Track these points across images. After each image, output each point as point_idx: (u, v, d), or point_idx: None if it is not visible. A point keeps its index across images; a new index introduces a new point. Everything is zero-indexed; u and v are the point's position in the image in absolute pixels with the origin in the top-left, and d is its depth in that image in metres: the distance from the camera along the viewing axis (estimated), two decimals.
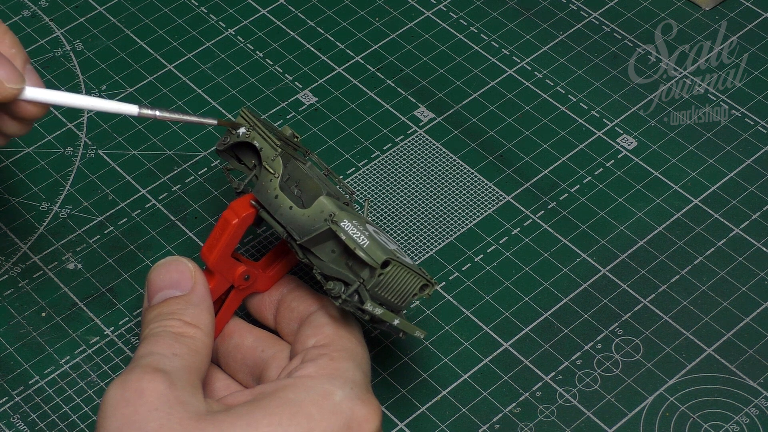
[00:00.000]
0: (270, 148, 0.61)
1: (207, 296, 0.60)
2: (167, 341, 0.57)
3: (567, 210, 0.72)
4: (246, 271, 0.61)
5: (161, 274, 0.60)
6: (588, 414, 0.64)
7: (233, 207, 0.61)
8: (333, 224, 0.58)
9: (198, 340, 0.58)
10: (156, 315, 0.59)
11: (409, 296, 0.59)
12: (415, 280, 0.59)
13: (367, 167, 0.74)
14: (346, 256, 0.58)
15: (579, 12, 0.81)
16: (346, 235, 0.57)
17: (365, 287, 0.57)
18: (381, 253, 0.57)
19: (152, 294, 0.60)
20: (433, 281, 0.59)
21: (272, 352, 0.61)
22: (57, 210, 0.72)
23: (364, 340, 0.60)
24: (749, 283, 0.68)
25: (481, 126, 0.76)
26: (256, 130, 0.62)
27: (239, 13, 0.82)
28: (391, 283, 0.58)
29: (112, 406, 0.54)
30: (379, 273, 0.57)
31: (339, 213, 0.58)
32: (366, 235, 0.58)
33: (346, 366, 0.57)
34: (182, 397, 0.54)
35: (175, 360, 0.56)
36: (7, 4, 0.83)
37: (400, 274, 0.58)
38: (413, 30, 0.81)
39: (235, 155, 0.63)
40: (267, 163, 0.61)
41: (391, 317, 0.58)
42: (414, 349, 0.66)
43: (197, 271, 0.60)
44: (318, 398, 0.55)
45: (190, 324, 0.58)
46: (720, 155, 0.74)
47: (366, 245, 0.57)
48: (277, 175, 0.60)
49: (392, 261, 0.57)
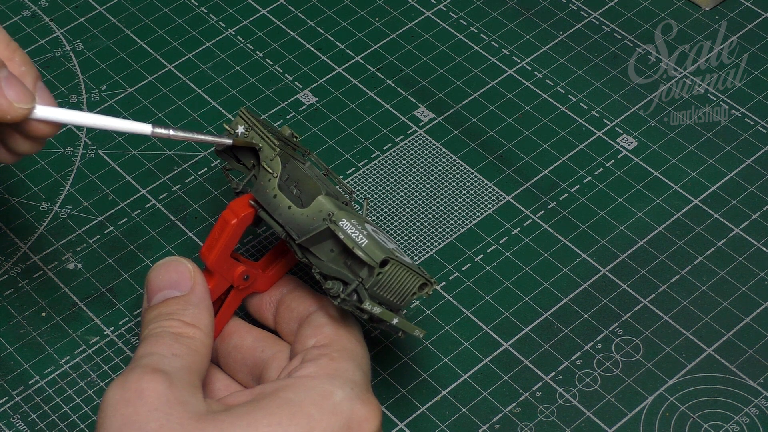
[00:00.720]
0: (269, 148, 0.61)
1: (206, 296, 0.60)
2: (167, 341, 0.57)
3: (567, 210, 0.72)
4: (245, 271, 0.61)
5: (160, 275, 0.60)
6: (588, 414, 0.64)
7: (232, 207, 0.61)
8: (331, 223, 0.58)
9: (197, 340, 0.58)
10: (155, 315, 0.59)
11: (408, 295, 0.59)
12: (414, 279, 0.58)
13: (367, 167, 0.74)
14: (345, 256, 0.58)
15: (579, 12, 0.81)
16: (344, 234, 0.57)
17: (364, 286, 0.57)
18: (379, 252, 0.57)
19: (151, 294, 0.60)
20: (433, 280, 0.59)
21: (272, 352, 0.61)
22: (57, 210, 0.72)
23: (364, 340, 0.60)
24: (749, 283, 0.68)
25: (481, 126, 0.76)
26: (254, 130, 0.62)
27: (239, 13, 0.82)
28: (389, 282, 0.58)
29: (112, 407, 0.54)
30: (378, 272, 0.57)
31: (338, 212, 0.58)
32: (365, 234, 0.58)
33: (345, 366, 0.57)
34: (182, 397, 0.54)
35: (175, 360, 0.56)
36: (7, 4, 0.83)
37: (398, 273, 0.58)
38: (413, 30, 0.81)
39: (234, 155, 0.63)
40: (266, 163, 0.61)
41: (390, 316, 0.58)
42: (414, 349, 0.66)
43: (196, 271, 0.60)
44: (318, 398, 0.55)
45: (189, 324, 0.58)
46: (720, 155, 0.74)
47: (364, 244, 0.57)
48: (275, 175, 0.60)
49: (391, 260, 0.57)
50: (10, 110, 0.56)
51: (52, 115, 0.58)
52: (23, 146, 0.60)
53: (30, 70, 0.59)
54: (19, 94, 0.57)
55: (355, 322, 0.60)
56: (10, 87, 0.57)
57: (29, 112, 0.57)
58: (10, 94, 0.56)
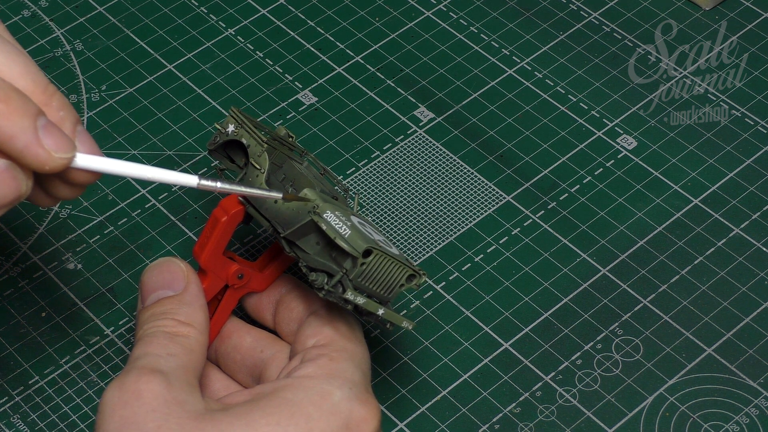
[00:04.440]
0: (256, 145, 0.61)
1: (200, 295, 0.60)
2: (162, 341, 0.57)
3: (567, 210, 0.72)
4: (239, 270, 0.61)
5: (153, 276, 0.60)
6: (588, 414, 0.64)
7: (222, 205, 0.60)
8: (315, 215, 0.58)
9: (192, 339, 0.58)
10: (150, 315, 0.59)
11: (396, 287, 0.58)
12: (401, 270, 0.58)
13: (367, 167, 0.74)
14: (330, 248, 0.58)
15: (579, 12, 0.81)
16: (327, 225, 0.57)
17: (348, 277, 0.57)
18: (362, 242, 0.57)
19: (145, 295, 0.60)
20: (421, 271, 0.59)
21: (271, 352, 0.61)
22: (57, 210, 0.72)
23: (364, 341, 0.60)
24: (749, 283, 0.68)
25: (481, 126, 0.76)
26: (243, 128, 0.62)
27: (239, 13, 0.82)
28: (374, 273, 0.57)
29: (111, 408, 0.54)
30: (362, 262, 0.57)
31: (322, 204, 0.58)
32: (348, 225, 0.57)
33: (345, 366, 0.57)
34: (180, 396, 0.54)
35: (171, 360, 0.56)
36: (7, 4, 0.83)
37: (383, 264, 0.57)
38: (413, 30, 0.81)
39: (227, 155, 0.63)
40: (253, 159, 0.61)
41: (374, 307, 0.58)
42: (414, 349, 0.66)
43: (189, 270, 0.60)
44: (317, 398, 0.55)
45: (183, 323, 0.58)
46: (720, 155, 0.74)
47: (347, 235, 0.57)
48: (263, 171, 0.60)
49: (374, 250, 0.57)
50: (48, 161, 0.52)
51: (93, 164, 0.54)
52: (64, 192, 0.56)
53: (69, 114, 0.54)
54: (59, 142, 0.52)
55: (355, 322, 0.60)
56: (49, 136, 0.52)
57: (69, 161, 0.53)
58: (48, 143, 0.52)
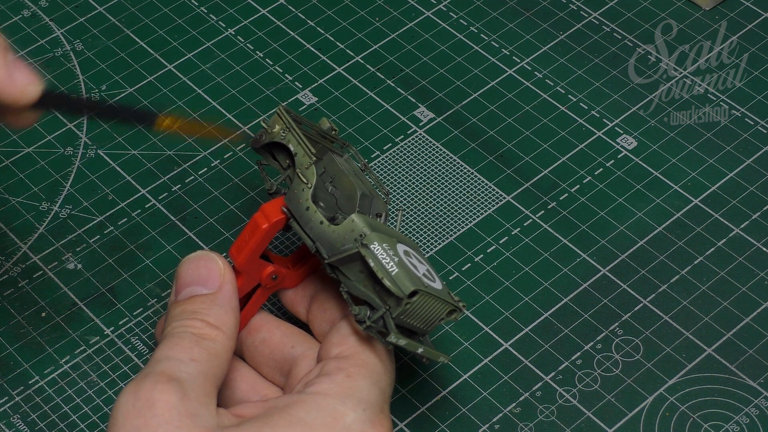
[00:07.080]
0: (304, 156, 0.60)
1: (234, 297, 0.59)
2: (186, 344, 0.56)
3: (567, 210, 0.72)
4: (274, 272, 0.61)
5: (190, 269, 0.59)
6: (588, 414, 0.64)
7: (264, 210, 0.59)
8: (362, 247, 0.57)
9: (219, 344, 0.57)
10: (180, 312, 0.58)
11: (436, 321, 0.58)
12: (442, 306, 0.58)
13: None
14: (374, 280, 0.57)
15: (579, 12, 0.81)
16: (374, 261, 0.56)
17: (391, 315, 0.56)
18: (409, 283, 0.56)
19: (179, 288, 0.59)
20: (461, 306, 0.58)
21: (302, 349, 0.60)
22: (57, 210, 0.72)
23: (390, 353, 0.59)
24: (749, 283, 0.68)
25: (481, 126, 0.76)
26: (291, 133, 0.60)
27: (239, 13, 0.82)
28: (417, 311, 0.57)
29: (123, 415, 0.53)
30: (406, 302, 0.56)
31: (369, 234, 0.57)
32: (395, 261, 0.56)
33: (361, 385, 0.56)
34: (194, 409, 0.53)
35: (192, 366, 0.55)
36: (7, 4, 0.83)
37: (427, 303, 0.57)
38: (413, 30, 0.81)
39: (271, 152, 0.62)
40: (300, 171, 0.59)
41: (414, 347, 0.57)
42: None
43: (227, 268, 0.59)
44: (329, 419, 0.54)
45: (212, 325, 0.57)
46: (720, 155, 0.74)
47: (394, 273, 0.56)
48: (309, 185, 0.59)
49: (420, 291, 0.56)
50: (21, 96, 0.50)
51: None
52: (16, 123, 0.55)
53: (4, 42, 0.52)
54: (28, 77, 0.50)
55: None
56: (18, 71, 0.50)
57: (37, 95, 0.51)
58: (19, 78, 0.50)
